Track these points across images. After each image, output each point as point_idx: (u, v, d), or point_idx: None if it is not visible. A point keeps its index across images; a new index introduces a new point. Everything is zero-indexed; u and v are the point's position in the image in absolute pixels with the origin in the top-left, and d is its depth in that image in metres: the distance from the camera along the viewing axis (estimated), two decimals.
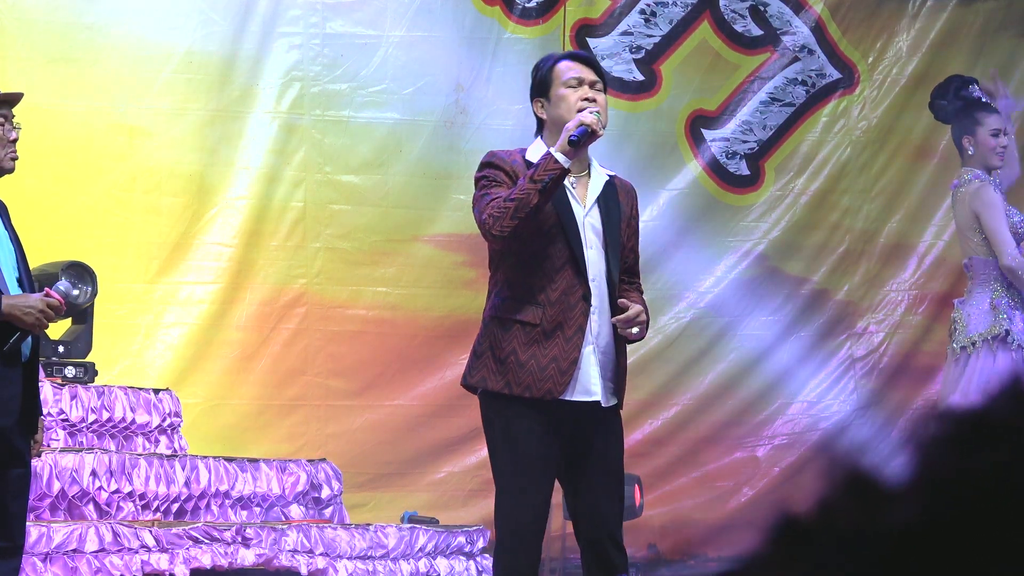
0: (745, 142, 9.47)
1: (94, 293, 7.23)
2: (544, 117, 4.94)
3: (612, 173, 5.06)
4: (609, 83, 9.16)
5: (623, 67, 9.30)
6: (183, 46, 8.59)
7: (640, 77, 9.32)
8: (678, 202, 9.35)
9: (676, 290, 9.33)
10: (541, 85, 4.96)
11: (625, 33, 9.30)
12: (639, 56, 9.33)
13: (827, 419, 9.40)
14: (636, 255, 5.08)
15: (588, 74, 4.95)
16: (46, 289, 5.06)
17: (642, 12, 9.32)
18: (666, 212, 9.31)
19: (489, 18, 9.06)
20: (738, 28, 9.45)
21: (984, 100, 7.68)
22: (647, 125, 9.33)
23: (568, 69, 4.94)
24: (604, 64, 9.22)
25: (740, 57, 9.47)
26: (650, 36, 9.34)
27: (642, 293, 5.07)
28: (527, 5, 9.10)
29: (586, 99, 4.88)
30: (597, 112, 4.84)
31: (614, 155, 8.98)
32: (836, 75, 9.55)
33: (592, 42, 9.25)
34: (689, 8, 9.38)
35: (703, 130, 9.42)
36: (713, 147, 9.42)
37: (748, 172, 9.48)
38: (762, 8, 9.46)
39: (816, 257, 9.52)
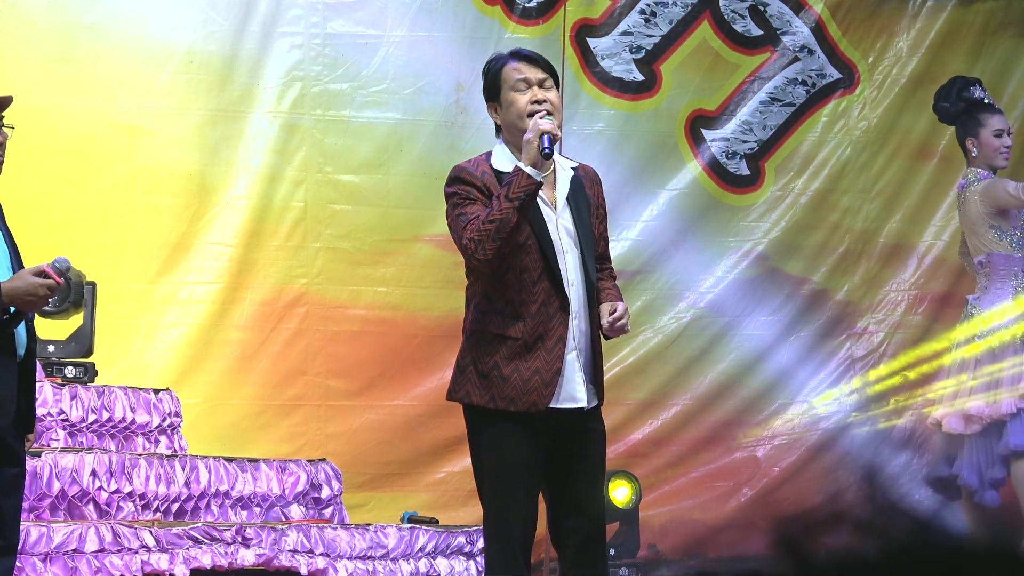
0: (745, 142, 9.47)
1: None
2: (498, 121, 4.90)
3: (575, 163, 5.01)
4: (609, 83, 9.28)
5: (623, 67, 9.30)
6: (183, 46, 8.59)
7: (640, 77, 9.32)
8: (678, 202, 9.34)
9: (676, 290, 9.33)
10: (491, 89, 4.90)
11: (625, 33, 9.30)
12: (639, 56, 9.32)
13: (827, 419, 9.40)
14: (606, 241, 5.06)
15: (535, 73, 4.86)
16: (43, 266, 5.00)
17: (642, 12, 9.32)
18: (666, 212, 9.31)
19: (490, 18, 9.06)
20: (738, 28, 9.45)
21: (987, 101, 7.69)
22: (647, 125, 9.32)
23: (514, 71, 4.87)
24: (604, 64, 9.23)
25: (740, 57, 9.47)
26: (650, 36, 9.34)
27: (615, 278, 5.07)
28: (527, 5, 9.10)
29: (536, 101, 4.82)
30: (550, 115, 4.77)
31: (614, 155, 9.00)
32: (836, 75, 9.55)
33: (592, 42, 9.25)
34: (689, 8, 9.38)
35: (703, 130, 9.42)
36: (713, 147, 9.42)
37: (748, 172, 9.48)
38: (762, 8, 9.46)
39: (816, 257, 9.51)
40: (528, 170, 4.67)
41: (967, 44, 9.62)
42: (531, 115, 4.78)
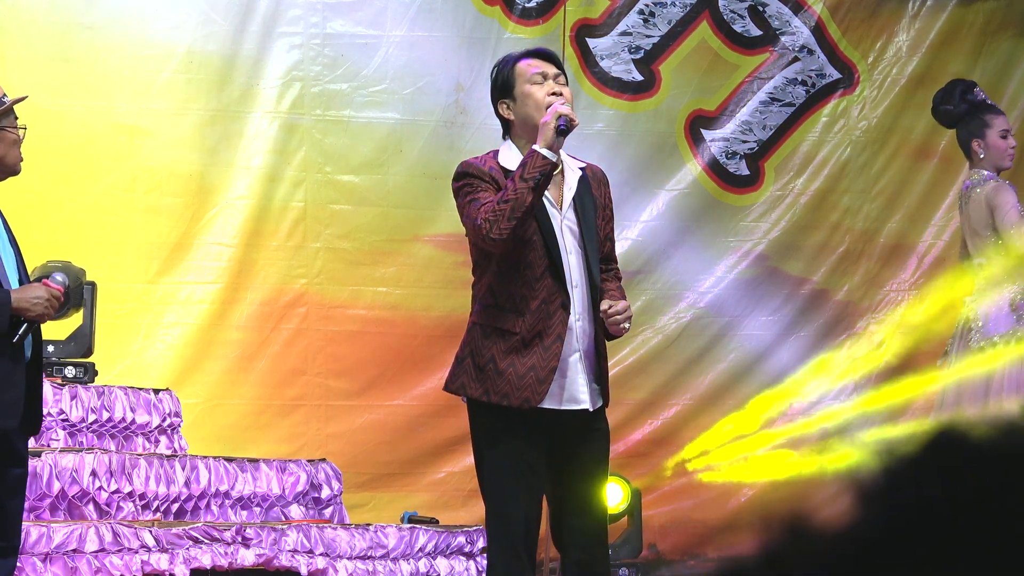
0: (745, 142, 9.47)
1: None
2: (511, 118, 4.92)
3: (583, 164, 5.03)
4: (608, 83, 9.29)
5: (622, 67, 9.30)
6: (183, 46, 8.59)
7: (639, 77, 9.32)
8: (678, 202, 9.35)
9: (676, 290, 9.33)
10: (504, 86, 4.94)
11: (624, 33, 9.30)
12: (638, 56, 9.33)
13: (827, 419, 9.40)
14: (612, 242, 5.07)
15: (550, 68, 4.94)
16: (44, 280, 5.08)
17: (641, 12, 9.32)
18: (666, 212, 9.31)
19: (489, 18, 9.06)
20: (737, 28, 9.45)
21: (990, 102, 7.67)
22: (646, 125, 9.32)
23: (530, 66, 4.93)
24: (603, 64, 9.23)
25: (739, 57, 9.47)
26: (649, 36, 9.34)
27: (620, 279, 5.08)
28: (527, 5, 9.10)
29: (553, 93, 4.87)
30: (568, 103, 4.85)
31: (614, 155, 9.00)
32: (836, 75, 9.55)
33: (591, 42, 9.25)
34: (688, 8, 9.38)
35: (702, 130, 9.42)
36: (713, 147, 9.42)
37: (748, 172, 9.48)
38: (761, 8, 9.46)
39: (816, 257, 9.52)
40: (543, 151, 4.69)
41: (967, 44, 9.62)
42: (549, 106, 4.82)
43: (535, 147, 4.72)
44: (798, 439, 9.35)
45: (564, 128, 4.72)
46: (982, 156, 7.40)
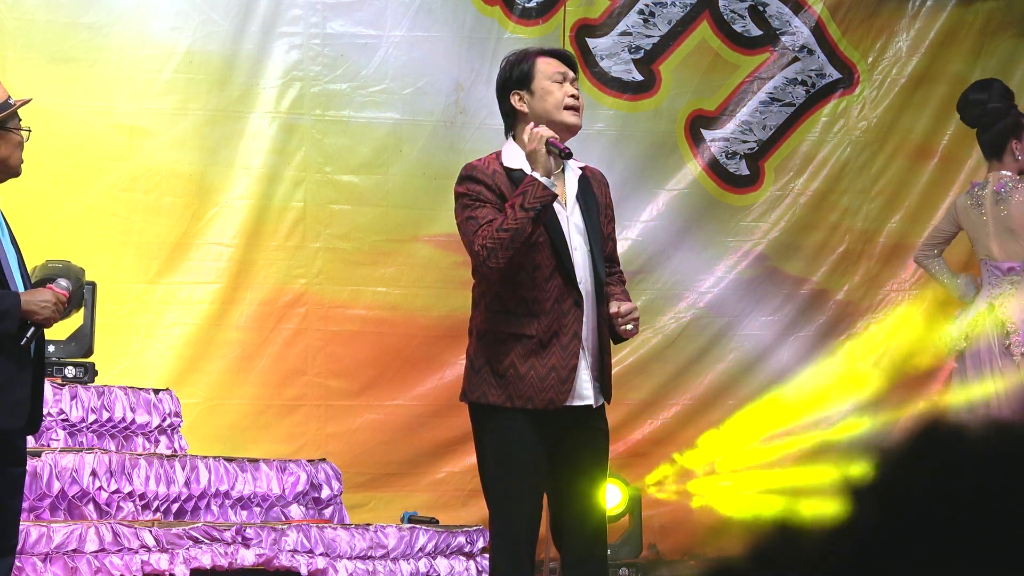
0: (745, 142, 9.47)
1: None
2: (524, 110, 4.93)
3: (581, 164, 5.05)
4: (608, 83, 9.29)
5: (622, 67, 9.30)
6: (183, 46, 8.59)
7: (639, 77, 9.32)
8: (678, 202, 9.35)
9: (676, 290, 9.33)
10: (522, 78, 4.96)
11: (624, 33, 9.31)
12: (638, 56, 9.33)
13: (827, 419, 9.40)
14: (614, 242, 5.09)
15: (569, 72, 5.00)
16: (49, 286, 5.11)
17: (641, 12, 9.32)
18: (666, 212, 9.31)
19: (489, 18, 9.06)
20: (737, 28, 9.46)
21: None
22: (646, 125, 9.33)
23: (551, 64, 4.97)
24: (603, 64, 9.24)
25: (739, 57, 9.47)
26: (649, 36, 9.34)
27: (624, 282, 5.09)
28: (527, 5, 9.10)
29: (571, 95, 4.93)
30: (576, 108, 4.92)
31: (614, 155, 9.00)
32: (836, 75, 9.55)
33: (591, 42, 9.25)
34: (688, 8, 9.38)
35: (703, 130, 9.42)
36: (713, 147, 9.42)
37: (748, 172, 9.48)
38: (761, 8, 9.46)
39: (816, 257, 9.52)
40: (543, 180, 4.70)
41: (967, 44, 9.62)
42: (567, 108, 4.86)
43: (534, 175, 4.72)
44: (797, 446, 9.34)
45: (566, 154, 4.76)
46: (1019, 157, 7.37)
